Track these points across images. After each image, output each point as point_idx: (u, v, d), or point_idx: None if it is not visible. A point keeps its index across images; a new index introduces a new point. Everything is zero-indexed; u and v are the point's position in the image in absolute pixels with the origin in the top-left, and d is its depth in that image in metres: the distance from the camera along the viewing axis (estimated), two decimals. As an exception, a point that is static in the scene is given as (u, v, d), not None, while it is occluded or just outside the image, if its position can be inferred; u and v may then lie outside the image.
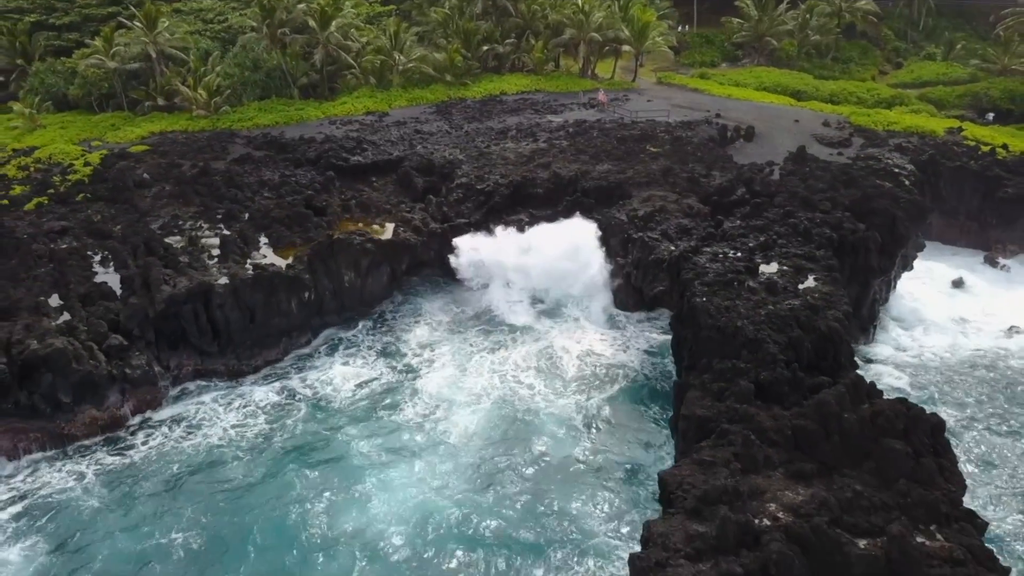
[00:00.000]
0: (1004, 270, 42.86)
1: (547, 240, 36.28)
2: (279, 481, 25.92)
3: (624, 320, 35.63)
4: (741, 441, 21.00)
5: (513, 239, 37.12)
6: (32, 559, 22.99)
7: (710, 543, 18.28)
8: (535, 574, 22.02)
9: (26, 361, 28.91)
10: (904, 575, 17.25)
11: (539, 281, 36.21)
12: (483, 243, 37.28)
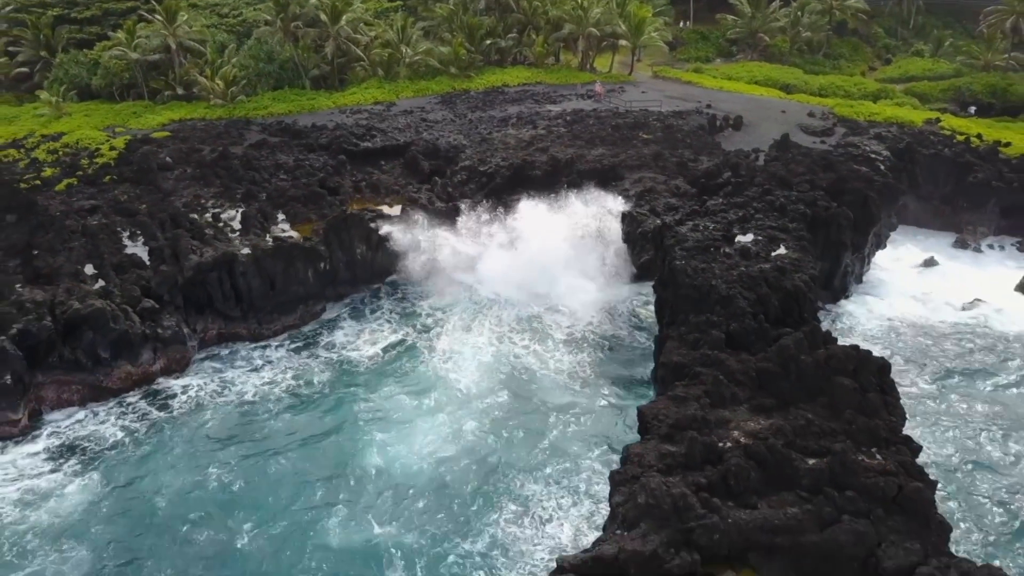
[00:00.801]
0: (975, 251, 45.58)
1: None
2: (307, 427, 28.84)
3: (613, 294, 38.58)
4: (711, 381, 23.86)
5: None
6: (85, 491, 25.88)
7: (679, 460, 21.15)
8: (535, 488, 25.13)
9: (69, 320, 31.87)
10: (844, 484, 20.10)
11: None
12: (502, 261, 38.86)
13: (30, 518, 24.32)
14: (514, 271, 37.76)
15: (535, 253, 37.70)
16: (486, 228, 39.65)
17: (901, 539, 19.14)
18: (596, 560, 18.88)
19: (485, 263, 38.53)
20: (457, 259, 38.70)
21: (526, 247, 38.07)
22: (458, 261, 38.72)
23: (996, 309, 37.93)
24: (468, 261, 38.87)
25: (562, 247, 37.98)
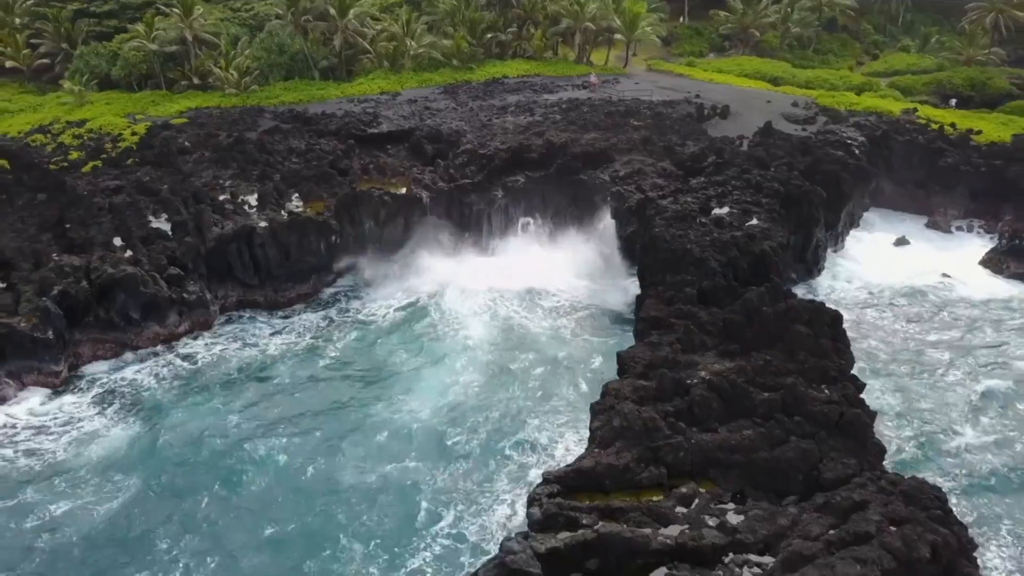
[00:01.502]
0: (945, 232, 48.48)
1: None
2: (326, 379, 31.92)
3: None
4: (683, 330, 26.86)
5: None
6: (126, 431, 28.96)
7: (651, 393, 24.15)
8: (533, 422, 28.38)
9: (103, 283, 34.91)
10: (793, 412, 23.09)
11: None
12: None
13: (80, 454, 27.38)
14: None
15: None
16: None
17: (840, 456, 22.14)
18: (576, 472, 21.88)
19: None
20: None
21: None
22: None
23: (960, 280, 40.85)
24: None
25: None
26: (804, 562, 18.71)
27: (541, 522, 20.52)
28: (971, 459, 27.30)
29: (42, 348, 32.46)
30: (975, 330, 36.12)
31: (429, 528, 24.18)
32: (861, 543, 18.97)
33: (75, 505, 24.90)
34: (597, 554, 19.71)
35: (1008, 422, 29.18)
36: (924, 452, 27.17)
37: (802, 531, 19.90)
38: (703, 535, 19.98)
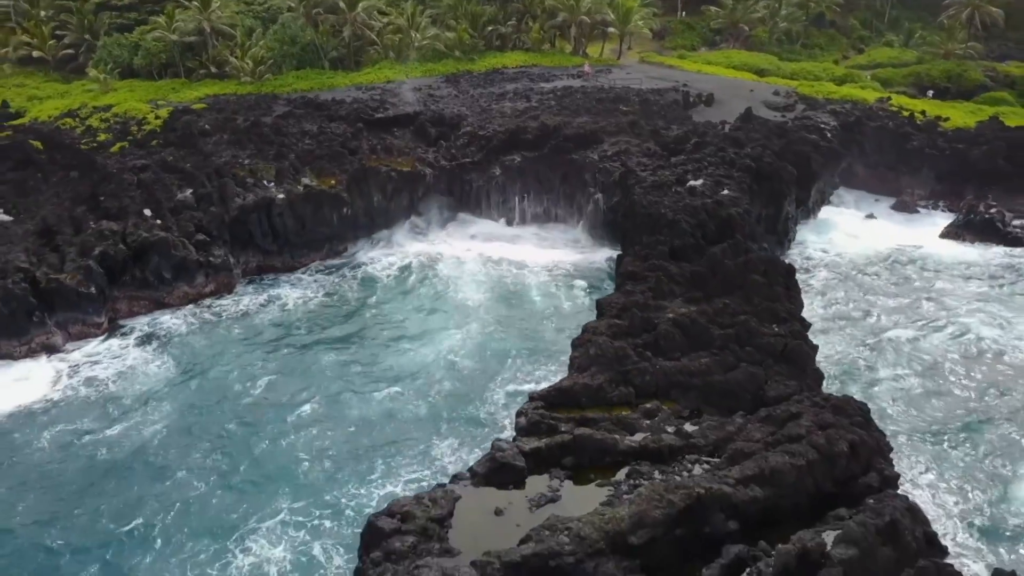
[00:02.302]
0: (912, 211, 52.11)
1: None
2: (339, 330, 35.79)
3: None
4: (654, 280, 30.61)
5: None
6: (164, 369, 32.95)
7: (623, 329, 27.91)
8: (523, 361, 32.54)
9: (139, 246, 38.77)
10: (745, 343, 26.83)
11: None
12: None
13: (127, 387, 31.31)
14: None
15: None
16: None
17: (783, 379, 25.88)
18: (557, 391, 25.64)
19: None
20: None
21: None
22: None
23: (918, 247, 44.63)
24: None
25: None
26: (744, 457, 22.44)
27: (526, 429, 24.28)
28: (897, 388, 31.15)
29: (86, 302, 36.33)
30: (924, 287, 39.94)
31: (434, 439, 27.97)
32: (793, 443, 22.71)
33: (124, 427, 28.76)
34: (572, 453, 23.41)
35: (931, 359, 33.05)
36: (858, 383, 30.89)
37: (746, 436, 23.63)
38: (662, 439, 23.73)
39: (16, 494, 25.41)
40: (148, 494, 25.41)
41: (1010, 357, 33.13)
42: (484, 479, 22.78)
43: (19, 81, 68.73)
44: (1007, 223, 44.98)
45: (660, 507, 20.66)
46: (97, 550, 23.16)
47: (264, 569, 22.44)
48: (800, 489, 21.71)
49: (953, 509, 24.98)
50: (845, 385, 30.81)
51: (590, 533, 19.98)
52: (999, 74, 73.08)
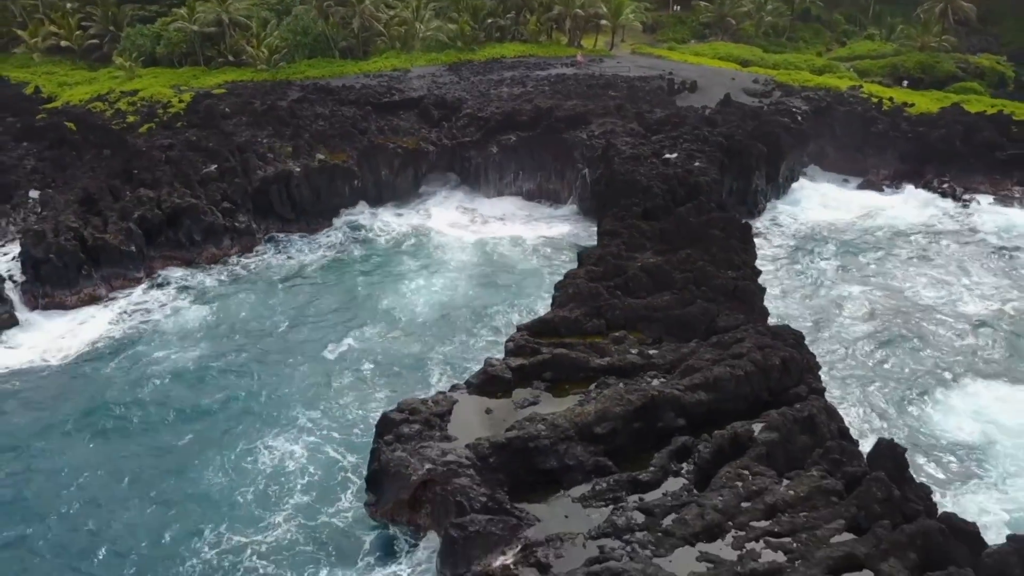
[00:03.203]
0: (877, 191, 56.44)
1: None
2: (347, 282, 40.41)
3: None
4: (628, 235, 35.13)
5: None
6: (199, 311, 37.81)
7: (598, 274, 32.45)
8: (506, 307, 36.65)
9: (172, 211, 43.35)
10: (702, 284, 31.34)
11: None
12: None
13: (171, 326, 36.31)
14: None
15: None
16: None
17: (733, 314, 30.40)
18: (540, 322, 30.21)
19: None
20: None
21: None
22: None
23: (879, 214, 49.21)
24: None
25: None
26: (695, 371, 27.00)
27: (513, 351, 28.83)
28: (835, 327, 35.71)
29: (127, 259, 40.93)
30: (882, 248, 44.47)
31: (430, 366, 32.63)
32: (735, 359, 27.25)
33: (171, 356, 33.59)
34: (551, 369, 27.93)
35: (870, 307, 37.63)
36: (805, 324, 35.43)
37: (697, 357, 28.16)
38: (627, 358, 28.28)
39: (94, 407, 30.28)
40: (192, 408, 30.11)
41: (938, 308, 37.64)
42: (477, 388, 27.38)
43: (48, 69, 73.38)
44: (958, 196, 49.36)
45: (621, 404, 25.27)
46: (153, 445, 27.93)
47: (285, 462, 26.99)
48: (739, 395, 26.27)
49: (874, 422, 29.46)
50: (795, 324, 35.28)
51: (562, 423, 24.60)
52: (970, 65, 77.41)
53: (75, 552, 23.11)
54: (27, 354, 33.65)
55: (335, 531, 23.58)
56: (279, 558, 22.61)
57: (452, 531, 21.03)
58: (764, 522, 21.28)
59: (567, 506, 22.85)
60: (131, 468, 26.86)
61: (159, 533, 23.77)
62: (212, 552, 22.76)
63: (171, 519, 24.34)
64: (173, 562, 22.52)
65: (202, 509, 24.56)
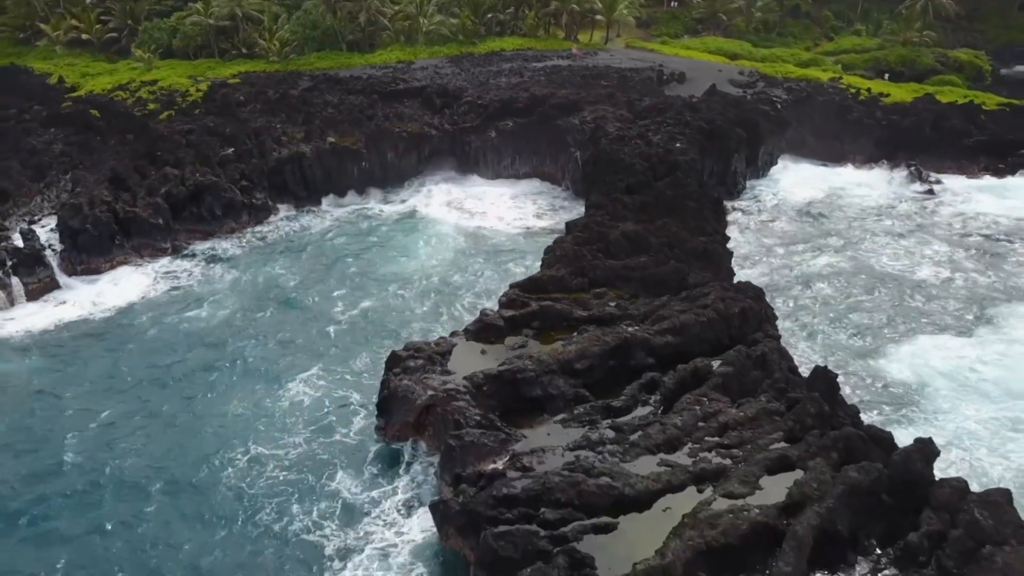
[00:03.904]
0: (855, 173, 59.99)
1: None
2: (353, 250, 44.27)
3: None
4: (611, 207, 38.83)
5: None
6: (225, 274, 41.81)
7: (583, 240, 36.14)
8: (495, 273, 40.23)
9: (195, 188, 47.12)
10: (675, 248, 35.02)
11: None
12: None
13: (199, 287, 40.23)
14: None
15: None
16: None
17: (702, 273, 34.07)
18: (529, 280, 33.89)
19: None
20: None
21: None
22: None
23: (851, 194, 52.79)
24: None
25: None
26: (664, 319, 30.68)
27: (506, 304, 32.53)
28: (799, 289, 39.43)
29: (155, 230, 44.70)
30: (852, 225, 48.05)
31: (429, 322, 36.37)
32: (700, 309, 30.94)
33: (200, 312, 37.53)
34: (539, 319, 31.61)
35: (833, 270, 41.38)
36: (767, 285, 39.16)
37: (668, 308, 31.85)
38: (606, 310, 31.98)
39: (134, 353, 34.26)
40: (218, 356, 33.96)
41: (895, 274, 41.29)
42: (474, 335, 31.10)
43: (70, 61, 77.27)
44: (924, 178, 52.95)
45: (598, 345, 28.99)
46: (186, 384, 31.87)
47: (301, 398, 30.74)
48: (703, 339, 29.96)
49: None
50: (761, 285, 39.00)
51: (546, 359, 28.33)
52: (949, 59, 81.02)
53: (125, 463, 26.99)
54: (73, 310, 37.55)
55: (347, 447, 27.28)
56: (299, 466, 26.38)
57: (451, 440, 24.76)
58: (716, 437, 24.98)
59: (549, 427, 26.53)
60: (169, 401, 30.71)
61: (197, 448, 27.69)
62: (244, 460, 26.58)
63: (206, 438, 28.25)
64: (212, 468, 26.36)
65: (231, 431, 28.37)
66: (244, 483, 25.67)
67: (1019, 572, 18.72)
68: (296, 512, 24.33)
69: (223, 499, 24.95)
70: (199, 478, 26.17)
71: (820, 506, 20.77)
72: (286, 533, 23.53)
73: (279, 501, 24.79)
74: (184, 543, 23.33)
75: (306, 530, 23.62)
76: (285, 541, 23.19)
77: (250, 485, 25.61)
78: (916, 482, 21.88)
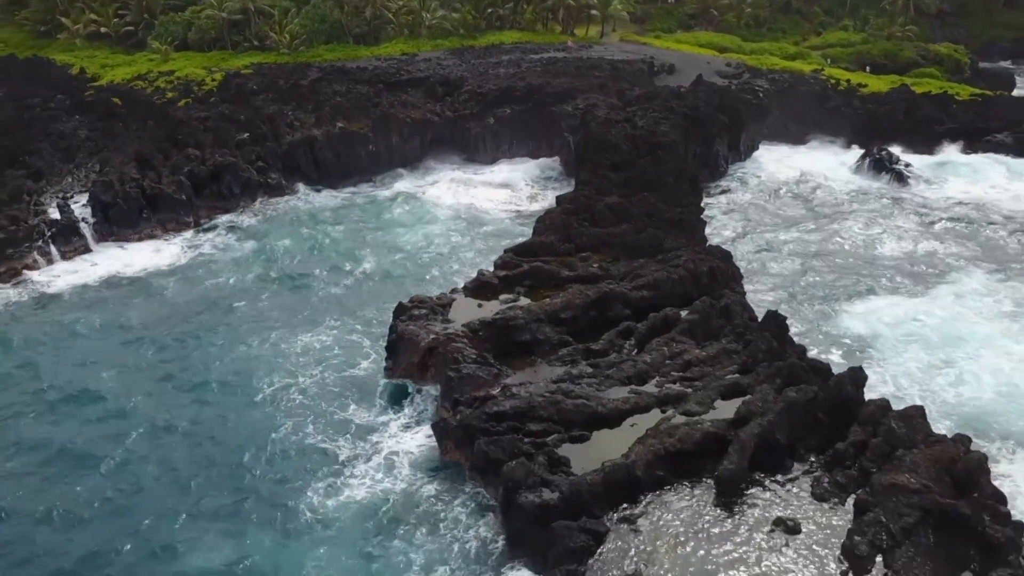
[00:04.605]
0: (831, 157, 63.61)
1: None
2: (361, 225, 48.07)
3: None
4: (598, 182, 42.58)
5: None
6: (240, 242, 45.54)
7: (571, 211, 39.89)
8: (489, 243, 43.93)
9: (215, 167, 50.93)
10: (653, 217, 38.76)
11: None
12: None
13: (223, 255, 44.06)
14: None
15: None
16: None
17: (677, 239, 37.78)
18: (521, 246, 37.67)
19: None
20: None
21: None
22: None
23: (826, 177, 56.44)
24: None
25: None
26: (641, 277, 34.40)
27: (500, 265, 36.27)
28: (769, 257, 43.11)
29: (179, 206, 48.52)
30: (825, 206, 51.69)
31: (434, 281, 40.20)
32: (673, 268, 34.67)
33: (225, 277, 41.38)
34: (529, 278, 35.33)
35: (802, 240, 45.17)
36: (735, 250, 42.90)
37: (645, 268, 35.58)
38: (589, 271, 35.71)
39: (162, 310, 38.25)
40: (242, 311, 37.92)
41: (860, 245, 44.97)
42: (472, 291, 34.85)
43: (90, 53, 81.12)
44: (893, 162, 56.58)
45: (580, 298, 32.78)
46: (214, 334, 35.75)
47: (317, 346, 34.56)
48: (674, 294, 33.69)
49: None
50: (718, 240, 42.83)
51: (535, 310, 32.13)
52: (930, 53, 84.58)
53: (163, 389, 31.43)
54: (106, 273, 41.45)
55: (358, 382, 31.15)
56: (316, 395, 30.40)
57: (450, 372, 28.52)
58: (681, 372, 28.73)
59: (537, 367, 30.25)
60: (198, 345, 34.76)
61: (225, 380, 31.85)
62: (268, 391, 30.66)
63: (232, 373, 32.34)
64: (239, 395, 30.68)
65: (254, 368, 32.47)
66: (268, 408, 29.71)
67: (923, 467, 22.43)
68: (313, 430, 28.31)
69: (251, 419, 29.00)
70: (229, 402, 30.31)
71: (762, 420, 24.52)
72: (305, 444, 27.49)
73: (298, 420, 28.78)
74: (218, 452, 27.37)
75: (322, 442, 27.53)
76: (304, 450, 27.14)
77: (274, 409, 29.69)
78: (847, 403, 25.66)
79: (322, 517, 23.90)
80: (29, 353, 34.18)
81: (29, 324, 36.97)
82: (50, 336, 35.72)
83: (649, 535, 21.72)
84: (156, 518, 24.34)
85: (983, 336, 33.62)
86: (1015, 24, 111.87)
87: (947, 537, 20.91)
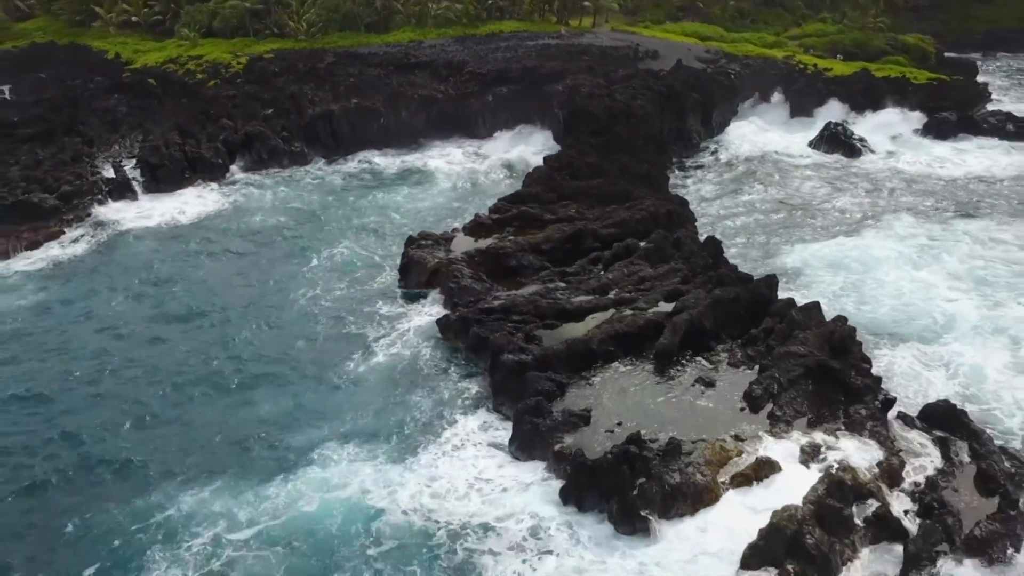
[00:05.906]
0: (796, 133, 70.34)
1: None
2: (373, 186, 55.11)
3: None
4: (580, 146, 49.56)
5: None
6: (259, 196, 52.53)
7: (555, 168, 46.89)
8: (487, 202, 50.96)
9: (246, 136, 58.06)
10: (625, 173, 45.75)
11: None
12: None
13: (250, 205, 51.23)
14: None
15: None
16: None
17: (642, 189, 44.71)
18: (513, 194, 44.70)
19: None
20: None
21: None
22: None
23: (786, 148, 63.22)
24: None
25: None
26: (610, 217, 41.35)
27: (493, 210, 43.30)
28: (732, 210, 49.72)
29: (216, 168, 55.67)
30: (784, 173, 58.43)
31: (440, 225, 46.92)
32: (637, 211, 41.62)
33: (250, 221, 48.62)
34: (518, 220, 42.34)
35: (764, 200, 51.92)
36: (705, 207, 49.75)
37: (614, 212, 42.50)
38: (568, 214, 42.69)
39: (209, 244, 45.75)
40: (274, 243, 45.46)
41: (816, 204, 51.74)
42: (470, 230, 41.91)
43: (122, 40, 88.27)
44: (848, 136, 63.39)
45: (559, 232, 39.79)
46: (256, 260, 43.19)
47: (334, 258, 42.05)
48: (638, 231, 40.61)
49: (730, 252, 43.38)
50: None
51: (520, 242, 39.11)
52: (898, 43, 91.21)
53: (228, 298, 38.98)
54: (158, 218, 48.84)
55: (378, 290, 38.49)
56: (346, 299, 37.87)
57: (451, 284, 35.58)
58: (635, 285, 35.70)
59: (521, 285, 37.30)
60: (238, 267, 42.56)
61: (268, 288, 39.66)
62: (304, 298, 37.99)
63: (273, 283, 40.23)
64: (283, 300, 38.28)
65: (292, 282, 40.06)
66: (307, 310, 37.29)
67: (812, 341, 29.38)
68: (347, 321, 36.01)
69: (294, 318, 36.59)
70: (283, 302, 38.18)
71: (693, 311, 31.50)
72: (340, 331, 35.12)
73: (334, 315, 36.40)
74: (269, 343, 34.61)
75: (354, 327, 35.22)
76: (341, 334, 34.85)
77: (311, 308, 37.34)
78: (763, 301, 32.67)
79: (355, 377, 31.21)
80: (145, 274, 41.88)
81: (131, 252, 44.98)
82: (158, 259, 43.69)
83: (599, 387, 28.75)
84: (235, 376, 32.02)
85: (892, 262, 40.54)
86: (988, 18, 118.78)
87: (823, 386, 27.90)
